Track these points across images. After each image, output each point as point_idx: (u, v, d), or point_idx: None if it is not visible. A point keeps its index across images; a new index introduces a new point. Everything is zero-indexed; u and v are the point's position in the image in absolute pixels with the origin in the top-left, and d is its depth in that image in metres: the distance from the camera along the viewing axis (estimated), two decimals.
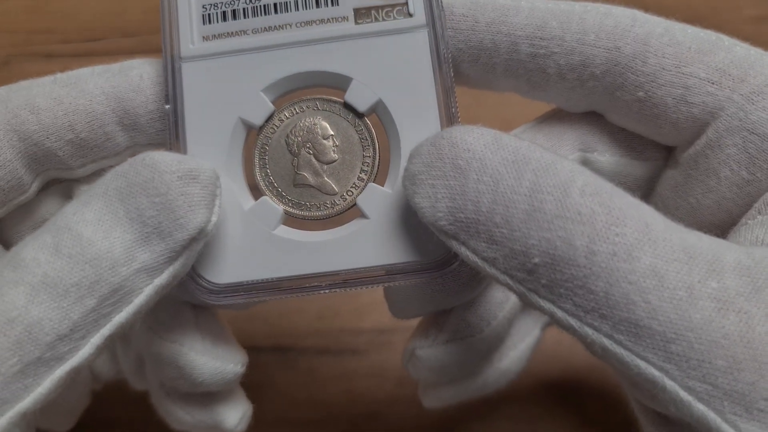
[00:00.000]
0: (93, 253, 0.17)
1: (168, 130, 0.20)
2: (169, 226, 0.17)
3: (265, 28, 0.20)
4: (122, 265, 0.17)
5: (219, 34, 0.20)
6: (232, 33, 0.20)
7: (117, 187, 0.17)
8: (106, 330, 0.17)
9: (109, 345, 0.22)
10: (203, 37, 0.20)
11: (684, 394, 0.15)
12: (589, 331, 0.15)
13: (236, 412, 0.23)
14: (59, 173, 0.21)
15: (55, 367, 0.16)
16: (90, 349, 0.17)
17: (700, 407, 0.14)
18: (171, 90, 0.20)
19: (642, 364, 0.15)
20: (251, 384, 0.23)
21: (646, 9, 0.20)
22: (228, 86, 0.20)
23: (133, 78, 0.20)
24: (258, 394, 0.31)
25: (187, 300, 0.21)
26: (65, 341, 0.16)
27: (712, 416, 0.14)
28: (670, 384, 0.15)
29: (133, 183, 0.17)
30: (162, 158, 0.17)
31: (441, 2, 0.20)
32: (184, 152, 0.19)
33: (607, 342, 0.15)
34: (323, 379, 0.32)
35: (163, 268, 0.17)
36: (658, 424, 0.16)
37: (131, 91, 0.20)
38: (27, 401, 0.16)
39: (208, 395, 0.22)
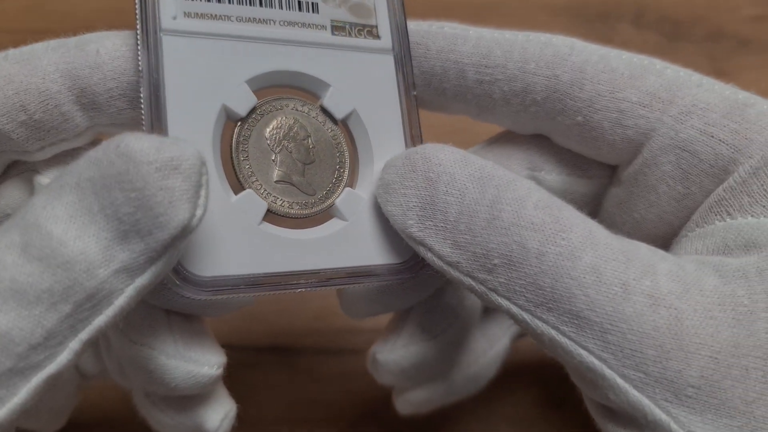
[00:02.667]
0: (66, 255, 0.15)
1: (144, 106, 0.18)
2: (148, 225, 0.15)
3: (249, 18, 0.20)
4: (99, 267, 0.15)
5: (201, 14, 0.19)
6: (215, 16, 0.19)
7: (90, 178, 0.15)
8: (84, 335, 0.16)
9: (91, 346, 0.22)
10: (185, 13, 0.19)
11: (621, 382, 0.16)
12: (539, 323, 0.17)
13: (218, 414, 0.22)
14: (17, 156, 0.20)
15: (31, 376, 0.15)
16: (68, 355, 0.16)
17: (635, 393, 0.16)
18: (148, 64, 0.18)
19: (584, 353, 0.16)
20: (250, 384, 0.23)
21: (646, 10, 0.20)
22: (212, 70, 0.19)
23: (90, 53, 0.18)
24: (256, 394, 0.31)
25: (155, 304, 0.20)
26: (39, 350, 0.15)
27: (645, 402, 0.16)
28: (608, 372, 0.16)
29: (107, 174, 0.15)
30: (138, 145, 0.15)
31: (406, 30, 0.21)
32: (165, 133, 0.18)
33: (554, 333, 0.17)
34: (322, 379, 0.32)
35: (145, 268, 0.16)
36: (605, 416, 0.18)
37: (88, 68, 0.18)
38: (2, 413, 0.15)
39: (188, 397, 0.22)
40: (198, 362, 0.20)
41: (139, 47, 0.18)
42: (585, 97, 0.20)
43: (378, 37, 0.21)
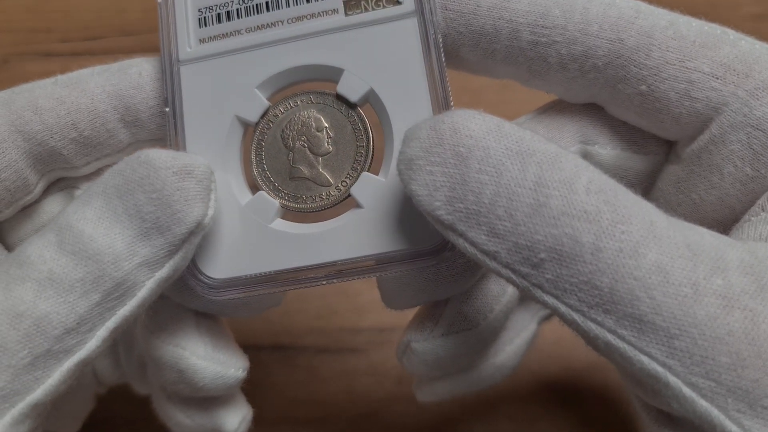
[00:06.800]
0: (95, 249, 0.17)
1: (167, 131, 0.20)
2: (167, 221, 0.17)
3: (258, 26, 0.20)
4: (124, 260, 0.17)
5: (215, 36, 0.20)
6: (227, 34, 0.20)
7: (115, 185, 0.18)
8: (111, 323, 0.17)
9: (114, 342, 0.22)
10: (200, 40, 0.20)
11: (687, 391, 0.15)
12: (592, 326, 0.15)
13: (236, 416, 0.23)
14: (64, 172, 0.21)
15: (64, 360, 0.17)
16: (97, 342, 0.17)
17: (703, 404, 0.14)
18: (170, 93, 0.20)
19: (645, 360, 0.15)
20: (251, 383, 0.23)
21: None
22: (224, 85, 0.20)
23: (133, 75, 0.20)
24: (257, 393, 0.31)
25: (190, 307, 0.21)
26: (73, 334, 0.17)
27: (715, 413, 0.14)
28: (673, 380, 0.15)
29: (130, 180, 0.17)
30: (157, 155, 0.18)
31: None
32: (185, 150, 0.20)
33: (610, 337, 0.15)
34: (323, 378, 0.32)
35: (164, 261, 0.18)
36: (661, 422, 0.16)
37: (131, 89, 0.20)
38: (38, 393, 0.17)
39: (209, 399, 0.22)
40: (226, 364, 0.21)
41: (162, 79, 0.20)
42: (651, 64, 0.19)
43: (398, 2, 0.20)
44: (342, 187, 0.20)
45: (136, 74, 0.20)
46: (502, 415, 0.31)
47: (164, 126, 0.21)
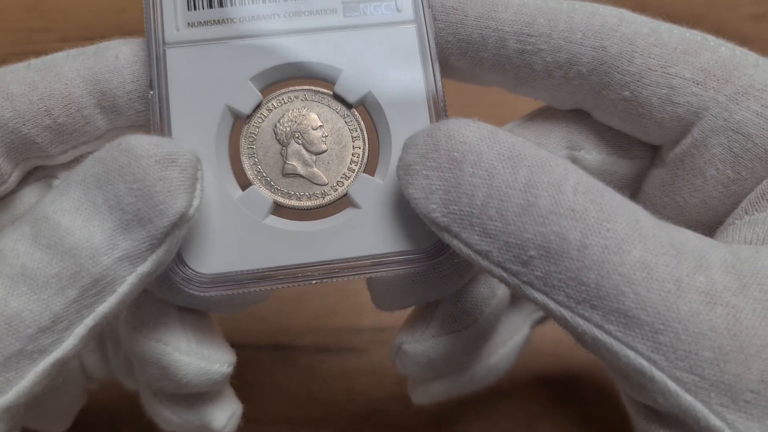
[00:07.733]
0: (72, 243, 0.16)
1: (151, 116, 0.19)
2: (148, 213, 0.16)
3: (252, 17, 0.20)
4: (103, 254, 0.16)
5: (204, 21, 0.20)
6: (218, 21, 0.20)
7: (95, 174, 0.17)
8: (89, 320, 0.17)
9: (102, 337, 0.21)
10: (188, 24, 0.20)
11: (672, 385, 0.15)
12: (580, 321, 0.16)
13: (224, 413, 0.22)
14: (40, 161, 0.21)
15: (39, 360, 0.16)
16: (74, 341, 0.16)
17: (687, 398, 0.15)
18: (155, 76, 0.19)
19: (631, 354, 0.15)
20: (250, 382, 0.23)
21: (646, 7, 0.20)
22: (215, 73, 0.19)
23: (109, 59, 0.19)
24: (257, 392, 0.31)
25: (173, 303, 0.21)
26: (47, 333, 0.16)
27: (699, 407, 0.15)
28: (658, 374, 0.15)
29: (111, 169, 0.17)
30: (139, 142, 0.17)
31: None
32: (169, 136, 0.19)
33: (597, 332, 0.15)
34: (322, 377, 0.32)
35: (146, 255, 0.17)
36: (648, 417, 0.17)
37: (107, 72, 0.19)
38: (10, 395, 0.16)
39: (196, 395, 0.22)
40: (210, 359, 0.21)
41: (147, 61, 0.19)
42: (634, 70, 0.19)
43: (397, 9, 0.20)
44: (338, 187, 0.20)
45: (113, 57, 0.19)
46: (501, 413, 0.31)
47: (143, 112, 0.20)
